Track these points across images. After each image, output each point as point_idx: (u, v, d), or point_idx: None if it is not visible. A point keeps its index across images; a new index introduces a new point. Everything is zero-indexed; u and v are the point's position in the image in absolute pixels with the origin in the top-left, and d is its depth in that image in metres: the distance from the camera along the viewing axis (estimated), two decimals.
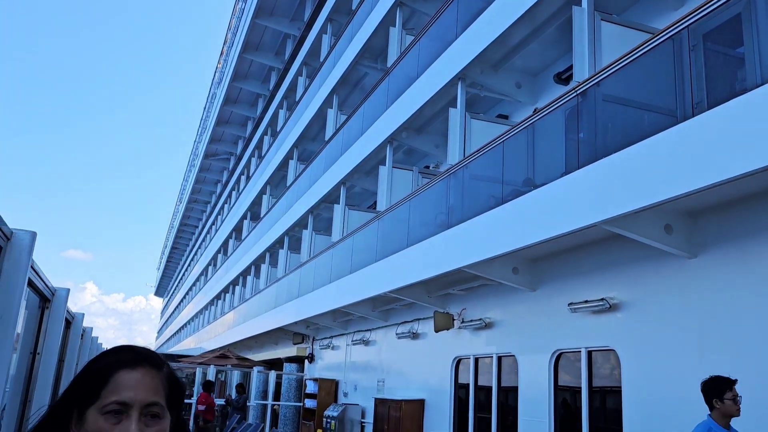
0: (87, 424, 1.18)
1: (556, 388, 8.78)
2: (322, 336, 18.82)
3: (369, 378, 14.97)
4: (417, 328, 12.83)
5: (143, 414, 1.19)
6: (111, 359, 1.24)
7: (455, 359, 11.39)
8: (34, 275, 2.76)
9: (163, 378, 1.26)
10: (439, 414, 11.64)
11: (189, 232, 58.31)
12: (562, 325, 8.63)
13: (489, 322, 10.40)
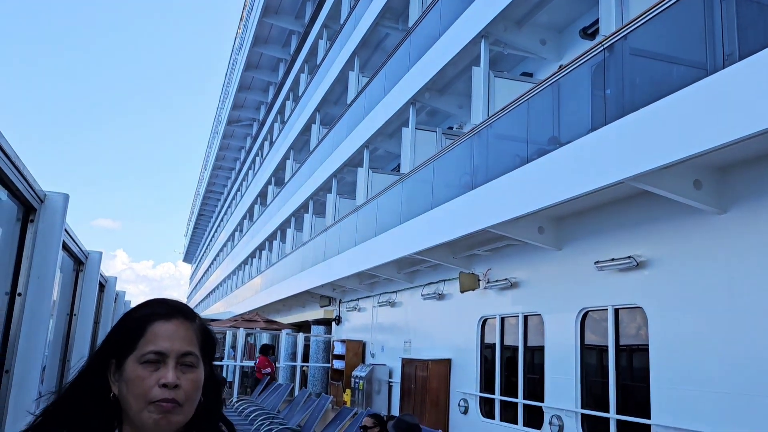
0: (126, 372, 1.22)
1: (583, 346, 8.80)
2: (349, 298, 19.02)
3: (396, 339, 15.14)
4: (442, 289, 12.90)
5: (179, 363, 1.23)
6: (146, 311, 1.28)
7: (481, 319, 11.45)
8: (68, 238, 2.82)
9: (196, 329, 1.30)
10: (465, 373, 11.75)
11: (215, 199, 58.85)
12: (588, 283, 8.61)
13: (514, 282, 10.41)
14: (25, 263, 2.15)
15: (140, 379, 1.20)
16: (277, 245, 27.85)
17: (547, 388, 9.31)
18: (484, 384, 11.29)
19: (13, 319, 2.07)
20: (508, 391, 10.58)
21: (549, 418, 9.11)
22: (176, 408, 1.21)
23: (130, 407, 1.21)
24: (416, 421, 5.60)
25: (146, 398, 1.20)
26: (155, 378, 1.21)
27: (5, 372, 2.03)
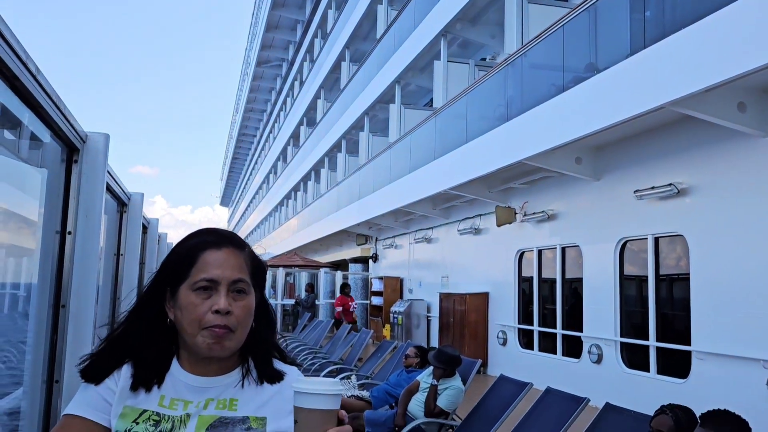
0: (180, 300, 1.26)
1: (622, 276, 8.77)
2: (385, 236, 19.16)
3: (433, 274, 15.28)
4: (479, 224, 12.89)
5: (230, 290, 1.25)
6: (197, 240, 1.31)
7: (518, 252, 11.45)
8: (110, 180, 2.87)
9: (246, 257, 1.32)
10: (503, 306, 11.85)
11: (248, 142, 59.13)
12: (627, 213, 8.50)
13: (552, 213, 10.33)
14: (73, 203, 2.20)
15: (193, 305, 1.24)
16: (312, 186, 28.03)
17: (586, 319, 9.35)
18: (522, 316, 11.39)
19: (66, 257, 2.13)
20: (547, 323, 10.66)
21: (588, 347, 9.18)
22: (229, 333, 1.24)
23: (186, 332, 1.26)
24: (456, 352, 5.70)
25: (200, 324, 1.23)
26: (208, 305, 1.23)
27: (62, 307, 2.11)
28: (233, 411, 1.27)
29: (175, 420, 1.23)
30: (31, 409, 2.11)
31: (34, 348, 2.16)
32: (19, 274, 3.01)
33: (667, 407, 3.16)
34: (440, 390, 5.43)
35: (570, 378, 8.82)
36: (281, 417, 1.28)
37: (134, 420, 1.22)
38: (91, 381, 1.27)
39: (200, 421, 1.24)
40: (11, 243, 2.93)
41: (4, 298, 3.30)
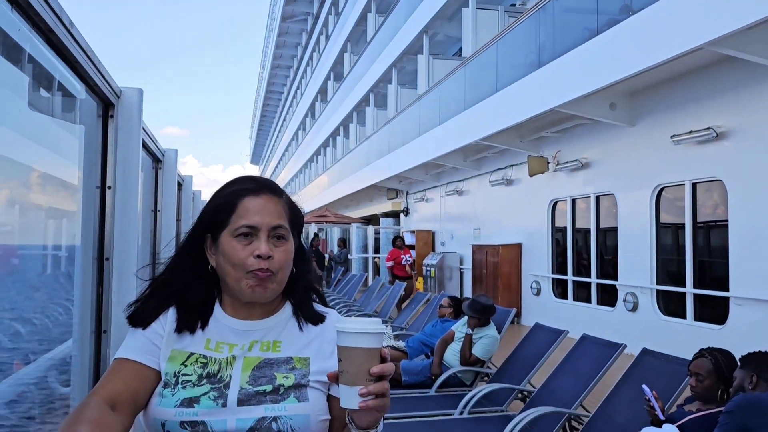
0: (221, 246, 1.28)
1: (658, 224, 8.64)
2: (416, 189, 19.12)
3: (464, 227, 15.25)
4: (510, 175, 12.76)
5: (270, 235, 1.28)
6: (235, 188, 1.32)
7: (551, 202, 11.35)
8: (145, 136, 2.89)
9: (283, 204, 1.34)
10: (536, 257, 11.81)
11: (276, 99, 59.03)
12: (664, 158, 8.33)
13: (585, 162, 10.18)
14: (111, 158, 2.22)
15: (235, 251, 1.26)
16: (341, 141, 27.98)
17: (621, 267, 9.28)
18: (556, 266, 11.35)
19: (107, 211, 2.17)
20: (581, 272, 10.62)
21: (623, 295, 9.14)
22: (270, 277, 1.27)
23: (229, 277, 1.28)
24: (491, 301, 5.72)
25: (243, 268, 1.26)
26: (249, 250, 1.26)
27: (106, 260, 2.16)
28: (277, 352, 1.30)
29: (222, 362, 1.27)
30: (82, 358, 2.19)
31: (81, 300, 2.22)
32: (64, 232, 3.08)
33: (706, 350, 3.14)
34: (475, 339, 5.47)
35: (605, 326, 8.80)
36: (324, 358, 1.31)
37: (182, 363, 1.27)
38: (139, 326, 1.30)
39: (245, 362, 1.27)
40: (54, 201, 2.99)
41: (48, 259, 3.39)
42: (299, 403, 1.25)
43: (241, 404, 1.23)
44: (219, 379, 1.25)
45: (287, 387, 1.26)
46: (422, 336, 6.42)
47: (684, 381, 3.41)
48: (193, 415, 1.21)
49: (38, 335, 3.17)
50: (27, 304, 3.22)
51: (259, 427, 1.22)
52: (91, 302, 2.19)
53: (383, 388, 1.13)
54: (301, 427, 1.24)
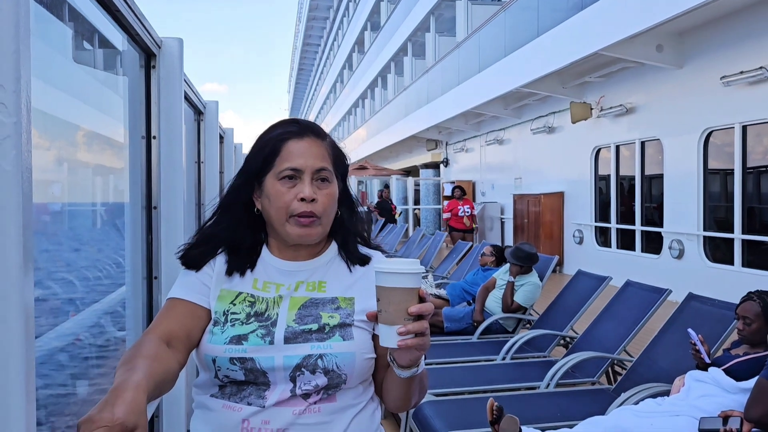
0: (266, 189, 1.30)
1: (706, 169, 8.41)
2: (455, 140, 18.95)
3: (505, 176, 15.10)
4: (552, 122, 12.52)
5: (314, 178, 1.29)
6: (280, 131, 1.33)
7: (595, 149, 11.12)
8: (186, 87, 2.91)
9: (327, 147, 1.35)
10: (579, 205, 11.66)
11: (313, 51, 58.63)
12: (713, 101, 8.05)
13: (630, 107, 9.90)
14: (155, 108, 2.26)
15: (280, 194, 1.28)
16: (379, 92, 27.75)
17: (667, 214, 9.10)
18: (600, 215, 11.19)
19: (153, 161, 2.22)
20: (625, 220, 10.46)
21: (669, 242, 8.99)
22: (315, 220, 1.28)
23: (274, 220, 1.31)
24: (533, 249, 5.69)
25: (287, 211, 1.28)
26: (294, 193, 1.28)
27: (154, 208, 2.21)
28: (322, 292, 1.33)
29: (269, 301, 1.30)
30: (135, 304, 2.27)
31: (132, 248, 2.30)
32: (113, 184, 3.16)
33: (754, 293, 3.09)
34: (517, 286, 5.47)
35: (649, 274, 8.68)
36: (368, 298, 1.31)
37: (231, 302, 1.30)
38: (191, 267, 1.34)
39: (292, 302, 1.30)
40: (101, 157, 3.06)
41: (97, 215, 3.49)
42: (344, 342, 1.27)
43: (288, 342, 1.26)
44: (266, 317, 1.28)
45: (333, 326, 1.28)
46: (463, 284, 6.45)
47: (731, 325, 3.37)
48: (242, 352, 1.24)
49: (91, 286, 3.30)
50: (80, 257, 3.34)
51: (306, 363, 1.25)
52: (142, 250, 2.26)
53: (422, 326, 1.13)
54: (346, 365, 1.27)
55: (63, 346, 2.41)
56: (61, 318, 2.71)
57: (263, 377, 1.25)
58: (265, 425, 1.24)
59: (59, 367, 2.44)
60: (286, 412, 1.25)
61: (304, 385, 1.25)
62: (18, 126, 0.82)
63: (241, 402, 1.26)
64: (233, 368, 1.24)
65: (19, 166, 0.82)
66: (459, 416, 3.33)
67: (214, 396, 1.30)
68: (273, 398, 1.25)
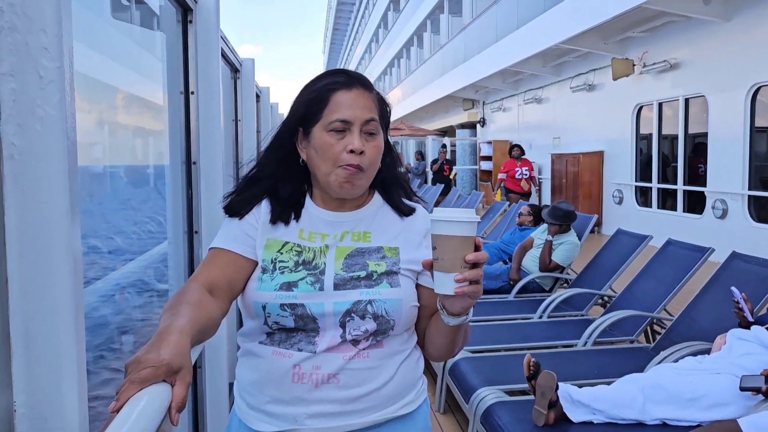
0: (313, 140, 1.29)
1: (752, 127, 8.14)
2: (492, 99, 18.66)
3: (543, 136, 14.86)
4: (593, 80, 12.22)
5: (362, 131, 1.28)
6: (328, 81, 1.32)
7: (636, 107, 10.85)
8: (223, 44, 2.91)
9: (374, 98, 1.33)
10: (619, 165, 11.43)
11: (347, 11, 57.92)
12: (761, 55, 7.74)
13: (675, 62, 9.59)
14: (192, 63, 2.26)
15: (329, 145, 1.27)
16: (414, 51, 27.40)
17: (710, 173, 8.88)
18: (640, 175, 10.97)
19: (191, 116, 2.23)
20: (667, 179, 10.23)
21: (712, 202, 8.78)
22: (360, 173, 1.28)
23: (320, 171, 1.30)
24: (572, 207, 5.61)
25: (335, 162, 1.28)
26: (342, 144, 1.27)
27: (193, 163, 2.24)
28: (367, 242, 1.34)
29: (315, 250, 1.31)
30: (176, 257, 2.31)
31: (173, 203, 2.33)
32: (152, 145, 3.20)
33: None
34: (555, 245, 5.43)
35: (691, 234, 8.49)
36: (412, 248, 1.34)
37: (278, 250, 1.31)
38: (234, 216, 1.35)
39: (338, 251, 1.31)
40: (142, 111, 3.09)
41: (137, 175, 3.54)
42: (392, 288, 1.29)
43: (337, 288, 1.27)
44: (314, 266, 1.29)
45: (380, 273, 1.30)
46: (500, 243, 6.42)
47: None
48: (293, 298, 1.26)
49: (133, 243, 3.37)
50: (120, 216, 3.41)
51: (355, 309, 1.27)
52: (182, 205, 2.29)
53: (478, 274, 1.15)
54: (394, 311, 1.28)
55: (107, 298, 2.48)
56: (105, 273, 2.79)
57: (313, 323, 1.26)
58: (316, 370, 1.27)
59: (103, 318, 2.52)
60: (337, 358, 1.27)
61: (354, 330, 1.27)
62: (61, 71, 0.82)
63: (291, 348, 1.28)
64: (284, 314, 1.26)
65: (62, 110, 0.83)
66: (495, 372, 3.35)
67: (263, 343, 1.31)
68: (323, 344, 1.26)
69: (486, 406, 2.95)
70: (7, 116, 0.81)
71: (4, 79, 0.81)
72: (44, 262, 0.83)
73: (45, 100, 0.82)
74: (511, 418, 2.78)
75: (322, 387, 1.27)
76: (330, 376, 1.26)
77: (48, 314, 0.83)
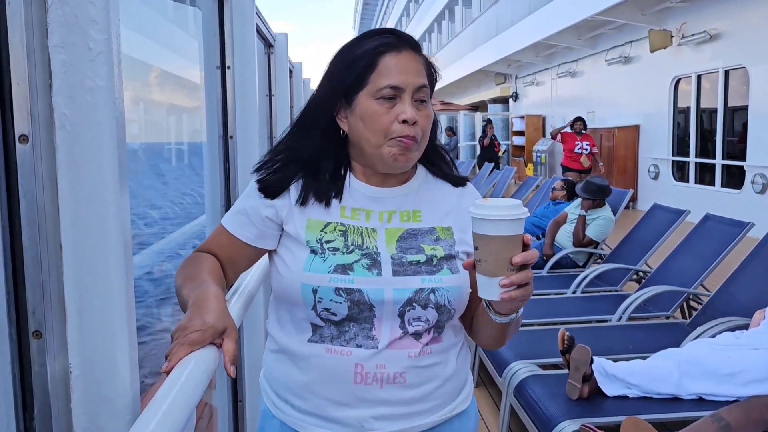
0: (359, 109, 1.15)
1: None
2: (525, 73, 18.40)
3: (577, 110, 14.57)
4: (629, 52, 11.96)
5: (413, 98, 1.15)
6: (374, 43, 1.17)
7: (674, 79, 10.60)
8: (257, 19, 2.92)
9: (423, 62, 1.20)
10: (655, 139, 11.22)
11: None
12: None
13: (714, 33, 9.32)
14: (228, 39, 2.27)
15: (378, 115, 1.14)
16: (446, 25, 27.10)
17: (750, 147, 8.66)
18: (677, 148, 10.75)
19: (228, 90, 2.25)
20: (704, 154, 10.02)
21: (752, 177, 8.58)
22: (414, 144, 1.15)
23: (368, 144, 1.16)
24: (606, 182, 5.54)
25: (386, 134, 1.14)
26: (393, 114, 1.13)
27: (230, 138, 2.26)
28: (418, 222, 1.22)
29: (363, 232, 1.18)
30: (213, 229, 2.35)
31: (211, 177, 2.36)
32: (187, 122, 3.24)
33: None
34: (589, 220, 5.37)
35: (730, 209, 8.32)
36: (465, 228, 1.22)
37: (321, 230, 1.18)
38: (268, 196, 1.21)
39: (388, 233, 1.19)
40: (176, 89, 3.13)
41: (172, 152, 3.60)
42: (453, 275, 1.18)
43: (397, 274, 1.15)
44: (366, 248, 1.17)
45: (439, 258, 1.18)
46: (533, 218, 6.38)
47: None
48: (349, 282, 1.13)
49: (171, 218, 3.45)
50: (157, 193, 3.48)
51: (417, 298, 1.15)
52: (220, 179, 2.32)
53: (526, 277, 1.02)
54: (456, 300, 1.18)
55: (148, 269, 2.54)
56: (143, 248, 2.85)
57: (369, 311, 1.14)
58: (381, 369, 1.15)
59: (143, 290, 2.58)
60: (401, 355, 1.15)
61: (414, 321, 1.15)
62: (109, 42, 0.84)
63: (349, 345, 1.15)
64: (338, 300, 1.13)
65: (111, 81, 0.85)
66: (529, 346, 3.35)
67: (313, 341, 1.17)
68: (384, 338, 1.15)
69: (519, 379, 2.96)
70: (58, 87, 0.83)
71: (55, 52, 0.83)
72: (96, 230, 0.86)
73: (94, 72, 0.83)
74: (545, 391, 2.78)
75: (387, 387, 1.15)
76: (396, 375, 1.15)
77: (100, 280, 0.86)
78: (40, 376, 0.86)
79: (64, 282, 0.85)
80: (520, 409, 2.86)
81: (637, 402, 2.67)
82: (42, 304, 0.85)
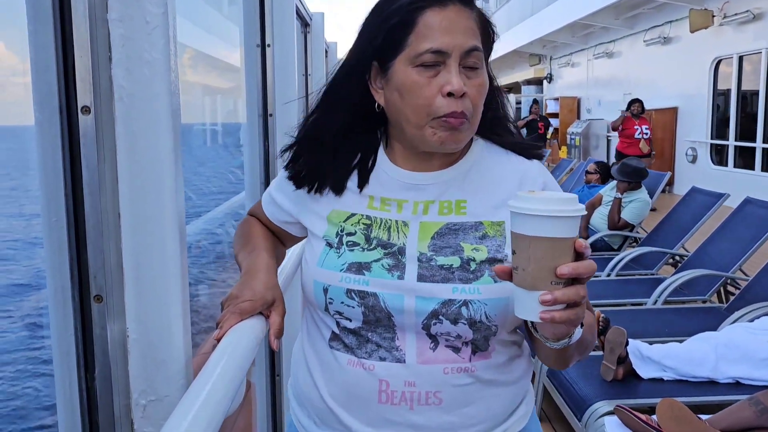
0: (395, 78, 0.96)
1: None
2: (560, 54, 18.12)
3: (613, 92, 14.38)
4: (668, 32, 11.69)
5: (461, 64, 0.94)
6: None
7: (714, 61, 10.34)
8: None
9: (476, 19, 0.98)
10: (694, 121, 10.99)
11: None
12: None
13: (758, 12, 9.06)
14: (268, 17, 2.29)
15: (418, 86, 0.94)
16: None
17: None
18: (716, 131, 10.52)
19: (267, 68, 2.27)
20: (744, 137, 9.79)
21: None
22: (464, 123, 0.94)
23: (408, 122, 0.97)
24: (642, 164, 5.46)
25: (428, 111, 0.94)
26: (436, 85, 0.93)
27: (270, 116, 2.29)
28: (462, 215, 1.00)
29: (391, 225, 1.00)
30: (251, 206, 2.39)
31: (250, 155, 2.40)
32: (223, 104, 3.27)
33: None
34: (625, 203, 5.30)
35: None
36: None
37: (343, 221, 1.03)
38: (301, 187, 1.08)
39: (422, 228, 1.00)
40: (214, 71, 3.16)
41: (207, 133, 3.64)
42: (495, 284, 0.94)
43: (423, 280, 0.96)
44: (391, 245, 0.99)
45: (479, 261, 0.96)
46: None
47: None
48: (363, 284, 0.96)
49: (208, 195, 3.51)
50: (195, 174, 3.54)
51: (445, 311, 0.95)
52: (260, 156, 2.35)
53: (576, 295, 0.80)
54: (497, 315, 0.96)
55: (196, 240, 2.59)
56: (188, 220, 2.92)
57: (387, 320, 0.97)
58: (410, 388, 0.97)
59: None
60: (434, 371, 0.97)
61: (441, 335, 0.97)
62: (165, 16, 0.86)
63: (371, 357, 0.99)
64: (350, 303, 0.97)
65: (167, 55, 0.87)
66: None
67: (334, 348, 1.02)
68: (411, 350, 0.97)
69: None
70: (117, 60, 0.86)
71: (113, 25, 0.85)
72: (152, 199, 0.89)
73: (151, 45, 0.86)
74: (579, 373, 2.78)
75: (420, 408, 0.98)
76: (429, 395, 0.97)
77: (156, 247, 0.89)
78: (100, 339, 0.90)
79: (123, 249, 0.89)
80: (554, 389, 2.87)
81: (672, 385, 2.66)
82: (102, 270, 0.89)
